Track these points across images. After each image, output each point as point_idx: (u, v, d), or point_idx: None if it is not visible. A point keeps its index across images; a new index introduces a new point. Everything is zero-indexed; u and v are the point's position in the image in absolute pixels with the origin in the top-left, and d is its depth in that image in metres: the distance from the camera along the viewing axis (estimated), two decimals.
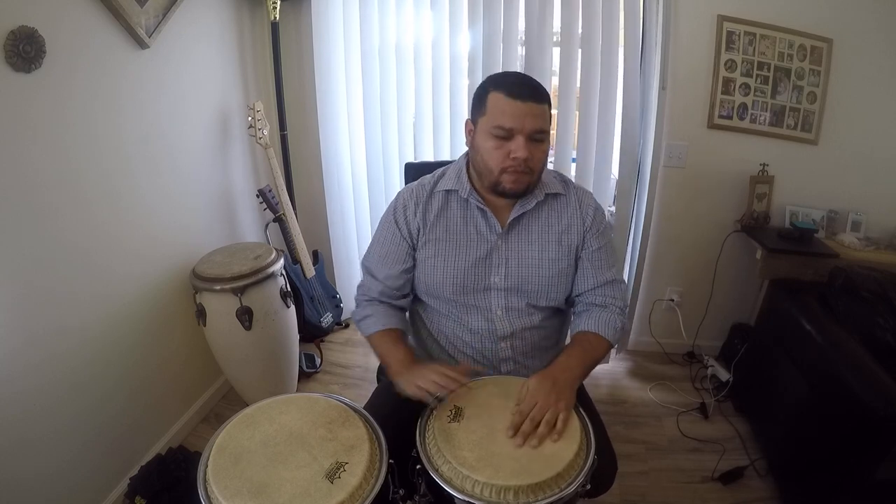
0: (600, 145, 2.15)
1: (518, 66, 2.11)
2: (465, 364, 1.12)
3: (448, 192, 1.18)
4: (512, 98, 1.01)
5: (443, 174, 1.21)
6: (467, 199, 1.15)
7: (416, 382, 0.97)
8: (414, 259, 1.20)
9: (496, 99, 1.03)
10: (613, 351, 2.47)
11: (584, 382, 1.30)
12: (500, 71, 2.04)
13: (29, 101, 1.27)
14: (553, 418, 0.92)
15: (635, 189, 2.23)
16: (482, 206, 1.14)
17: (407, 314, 1.30)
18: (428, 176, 1.23)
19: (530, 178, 1.07)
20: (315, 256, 2.47)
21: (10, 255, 1.26)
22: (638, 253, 2.31)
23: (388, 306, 1.21)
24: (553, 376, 1.00)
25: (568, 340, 1.19)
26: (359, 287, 1.26)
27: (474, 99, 1.10)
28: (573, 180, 1.26)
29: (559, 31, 2.04)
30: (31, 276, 1.32)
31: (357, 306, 1.25)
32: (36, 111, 1.30)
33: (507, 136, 1.02)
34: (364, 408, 1.01)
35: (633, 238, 2.31)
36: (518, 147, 1.02)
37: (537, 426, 0.91)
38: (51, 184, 1.36)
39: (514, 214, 1.14)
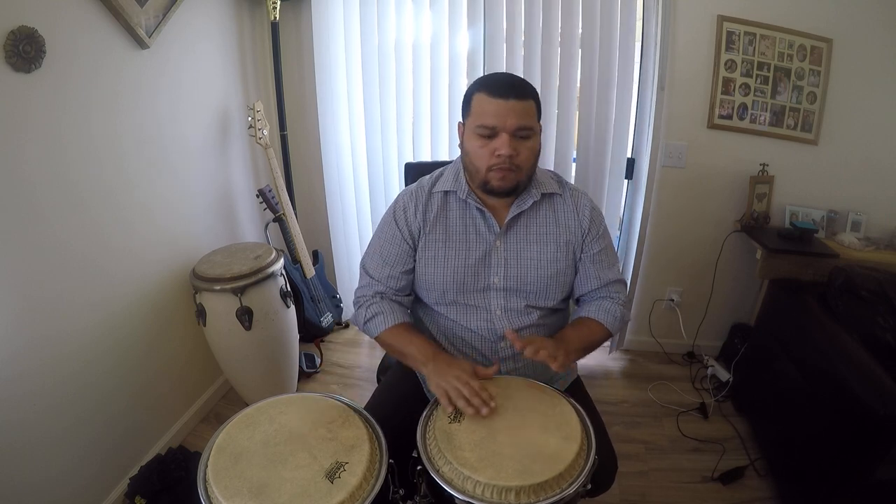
0: (600, 145, 2.15)
1: (519, 67, 2.11)
2: (495, 362, 1.11)
3: (446, 192, 1.18)
4: (493, 97, 1.04)
5: (440, 175, 1.21)
6: (466, 199, 1.15)
7: (445, 388, 0.97)
8: (414, 260, 1.19)
9: (479, 99, 1.06)
10: (612, 346, 2.48)
11: (583, 382, 1.31)
12: (501, 71, 2.06)
13: (29, 101, 1.27)
14: (555, 353, 0.97)
15: (634, 189, 2.23)
16: (480, 207, 1.14)
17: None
18: (426, 177, 1.23)
19: (518, 176, 1.08)
20: (315, 256, 2.48)
21: (11, 257, 1.26)
22: (636, 253, 2.31)
23: (392, 302, 1.20)
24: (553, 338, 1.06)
25: None
26: (357, 291, 1.25)
27: (463, 101, 1.12)
28: (570, 181, 1.26)
29: (560, 31, 2.04)
30: (31, 277, 1.32)
31: (357, 308, 1.22)
32: (36, 111, 1.30)
33: (491, 134, 1.04)
34: (364, 408, 1.01)
35: (633, 238, 2.31)
36: (502, 144, 1.03)
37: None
38: (51, 184, 1.35)
39: (511, 214, 1.14)
